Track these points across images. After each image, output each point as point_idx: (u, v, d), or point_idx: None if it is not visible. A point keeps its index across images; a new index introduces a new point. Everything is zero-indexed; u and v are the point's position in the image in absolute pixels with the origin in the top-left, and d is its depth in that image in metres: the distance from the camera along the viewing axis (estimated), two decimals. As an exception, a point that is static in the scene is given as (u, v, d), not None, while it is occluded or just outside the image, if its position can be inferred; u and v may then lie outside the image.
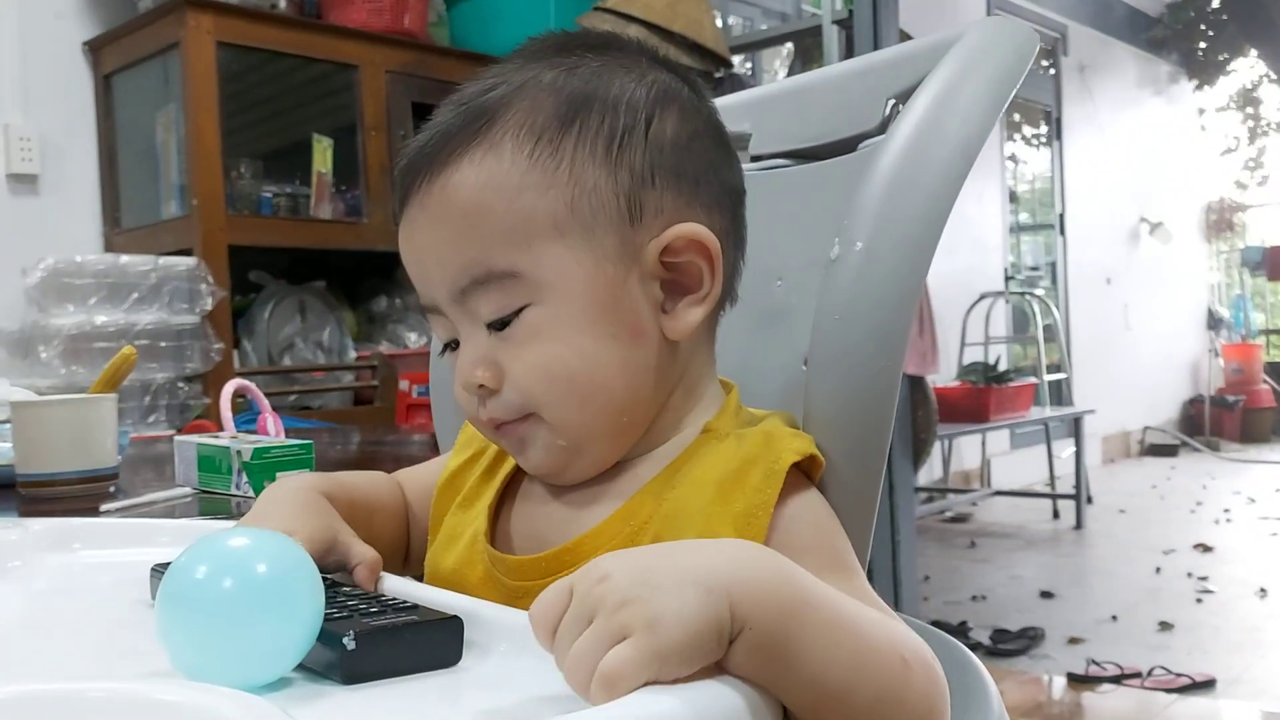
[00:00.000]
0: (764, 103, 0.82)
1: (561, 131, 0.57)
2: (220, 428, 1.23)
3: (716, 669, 0.42)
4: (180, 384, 2.44)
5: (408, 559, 0.72)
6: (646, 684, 0.39)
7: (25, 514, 1.03)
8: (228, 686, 0.41)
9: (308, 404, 2.74)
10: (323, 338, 2.87)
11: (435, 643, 0.49)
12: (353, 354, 2.91)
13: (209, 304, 2.44)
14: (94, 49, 2.74)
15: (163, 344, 2.39)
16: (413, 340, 2.96)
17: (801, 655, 0.42)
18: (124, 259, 2.40)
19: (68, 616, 0.63)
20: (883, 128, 0.74)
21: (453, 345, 0.61)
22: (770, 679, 0.42)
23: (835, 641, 0.44)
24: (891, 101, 0.73)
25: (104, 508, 0.94)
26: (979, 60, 0.61)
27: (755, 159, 0.81)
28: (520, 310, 0.57)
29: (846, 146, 0.76)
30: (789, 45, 3.60)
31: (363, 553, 0.58)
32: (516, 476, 0.65)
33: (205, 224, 2.49)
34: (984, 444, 5.13)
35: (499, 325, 0.57)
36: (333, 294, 2.95)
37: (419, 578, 0.71)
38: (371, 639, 0.47)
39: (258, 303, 2.80)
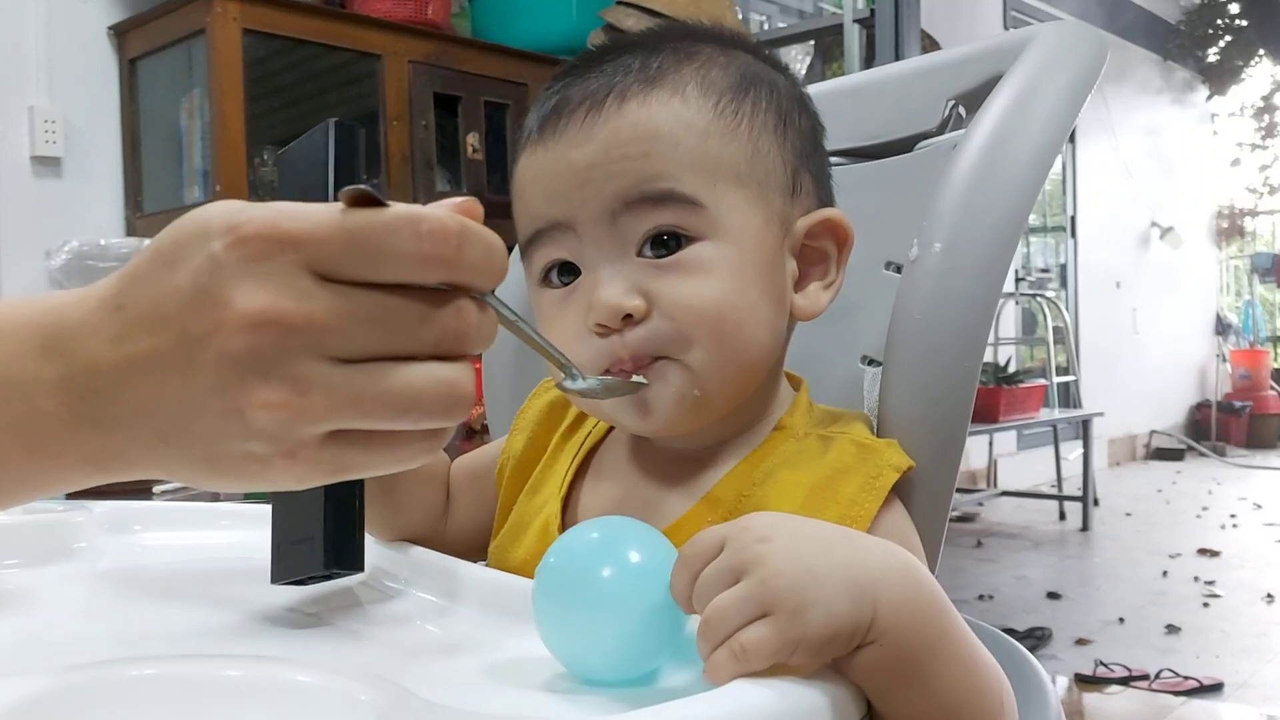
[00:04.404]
0: (820, 100, 0.83)
1: (739, 96, 0.59)
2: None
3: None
4: (201, 369, 2.45)
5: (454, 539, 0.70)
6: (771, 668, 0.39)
7: (72, 494, 1.04)
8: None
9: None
10: (341, 325, 2.88)
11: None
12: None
13: (231, 290, 2.45)
14: (119, 33, 2.74)
15: (184, 329, 2.39)
16: (430, 330, 2.97)
17: (920, 677, 0.43)
18: (148, 243, 2.41)
19: (142, 596, 0.64)
20: (942, 128, 0.75)
21: (562, 275, 0.58)
22: (880, 688, 0.42)
23: (953, 673, 0.44)
24: (951, 103, 0.74)
25: (157, 489, 0.95)
26: (1055, 64, 0.61)
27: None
28: (690, 242, 0.56)
29: (904, 146, 0.77)
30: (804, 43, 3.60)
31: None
32: (585, 463, 0.65)
33: (228, 210, 2.50)
34: (991, 444, 5.13)
35: (659, 252, 0.56)
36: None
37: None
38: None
39: (277, 290, 2.81)
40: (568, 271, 0.58)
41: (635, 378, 0.55)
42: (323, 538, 0.53)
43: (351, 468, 0.39)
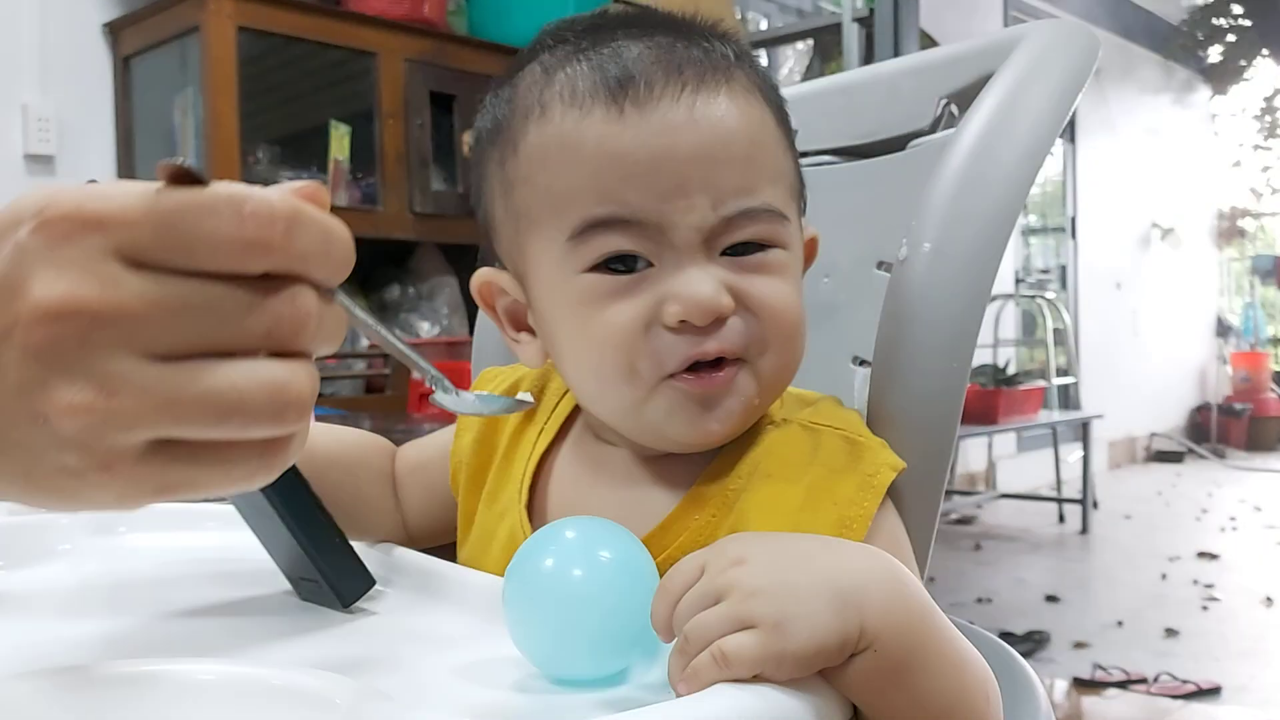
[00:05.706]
0: (812, 99, 0.82)
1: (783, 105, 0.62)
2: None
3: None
4: (195, 368, 2.44)
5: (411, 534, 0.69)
6: (757, 677, 0.39)
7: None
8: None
9: (319, 391, 2.74)
10: (336, 325, 2.87)
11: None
12: (364, 342, 2.91)
13: (225, 289, 2.44)
14: (114, 31, 2.74)
15: (178, 328, 2.38)
16: (425, 330, 2.96)
17: (912, 681, 0.42)
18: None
19: (125, 598, 0.63)
20: (934, 127, 0.74)
21: (619, 261, 0.52)
22: (873, 696, 0.42)
23: (944, 674, 0.43)
24: (944, 101, 0.73)
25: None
26: (1046, 63, 0.60)
27: (803, 155, 0.81)
28: (770, 246, 0.54)
29: (896, 145, 0.76)
30: (801, 42, 3.59)
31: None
32: (542, 463, 0.62)
33: (223, 209, 2.49)
34: (990, 446, 5.13)
35: (741, 250, 0.53)
36: (346, 281, 2.94)
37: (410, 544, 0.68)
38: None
39: (271, 289, 2.80)
40: (626, 258, 0.53)
41: (521, 395, 0.59)
42: (326, 582, 0.55)
43: (178, 486, 0.35)
